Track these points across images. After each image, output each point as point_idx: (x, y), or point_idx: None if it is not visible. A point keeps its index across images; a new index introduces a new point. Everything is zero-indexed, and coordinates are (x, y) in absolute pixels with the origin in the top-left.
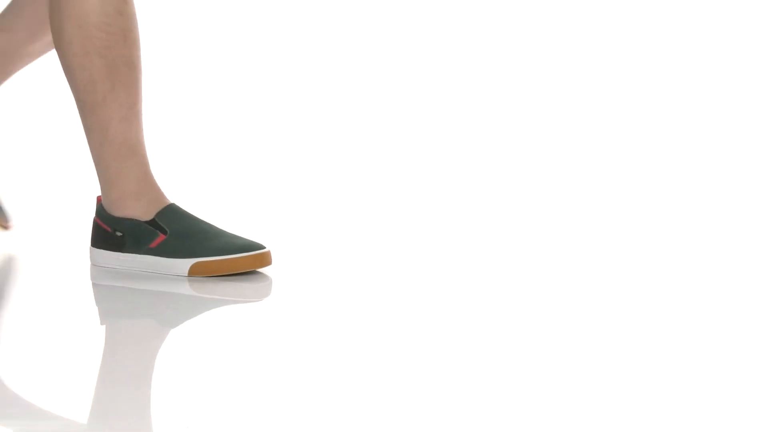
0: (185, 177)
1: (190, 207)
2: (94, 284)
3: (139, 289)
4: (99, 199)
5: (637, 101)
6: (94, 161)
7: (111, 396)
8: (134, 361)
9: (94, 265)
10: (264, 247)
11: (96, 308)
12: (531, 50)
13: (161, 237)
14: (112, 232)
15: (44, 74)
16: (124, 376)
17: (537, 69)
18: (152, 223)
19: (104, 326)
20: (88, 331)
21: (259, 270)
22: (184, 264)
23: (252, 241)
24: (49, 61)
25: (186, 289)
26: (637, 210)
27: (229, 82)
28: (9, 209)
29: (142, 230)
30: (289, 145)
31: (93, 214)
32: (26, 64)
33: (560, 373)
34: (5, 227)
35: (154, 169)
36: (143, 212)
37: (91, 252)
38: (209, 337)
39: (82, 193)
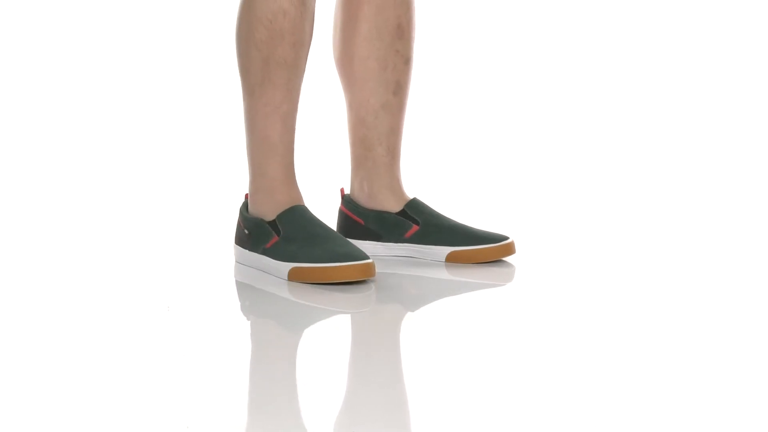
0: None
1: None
2: (237, 281)
3: (245, 284)
4: (246, 196)
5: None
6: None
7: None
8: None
9: (237, 262)
10: (366, 257)
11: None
12: (532, 52)
13: (275, 238)
14: (243, 229)
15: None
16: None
17: (541, 70)
18: (273, 223)
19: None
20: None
21: (364, 280)
22: (285, 267)
23: (356, 250)
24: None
25: (284, 293)
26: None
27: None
28: None
29: (263, 230)
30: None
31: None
32: None
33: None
34: None
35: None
36: (270, 211)
37: (234, 249)
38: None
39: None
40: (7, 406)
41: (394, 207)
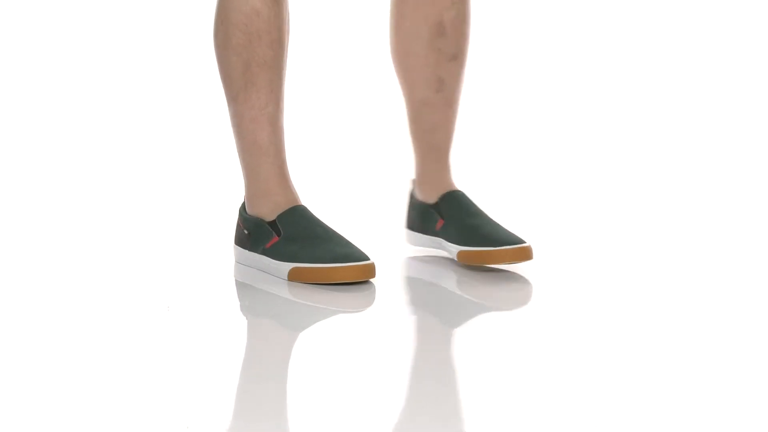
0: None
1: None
2: (237, 281)
3: (245, 284)
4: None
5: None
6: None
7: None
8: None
9: (237, 262)
10: (367, 258)
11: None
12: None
13: (275, 238)
14: (242, 230)
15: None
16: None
17: (540, 71)
18: (272, 224)
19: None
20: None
21: (365, 281)
22: (285, 267)
23: (357, 251)
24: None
25: (284, 293)
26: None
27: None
28: None
29: (263, 230)
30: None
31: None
32: None
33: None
34: None
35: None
36: (269, 212)
37: (234, 249)
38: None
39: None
40: (7, 406)
41: (430, 199)
